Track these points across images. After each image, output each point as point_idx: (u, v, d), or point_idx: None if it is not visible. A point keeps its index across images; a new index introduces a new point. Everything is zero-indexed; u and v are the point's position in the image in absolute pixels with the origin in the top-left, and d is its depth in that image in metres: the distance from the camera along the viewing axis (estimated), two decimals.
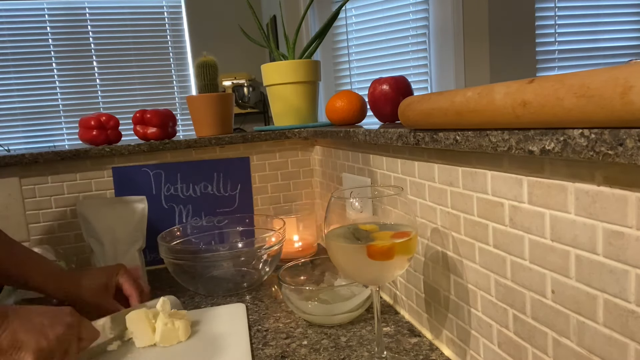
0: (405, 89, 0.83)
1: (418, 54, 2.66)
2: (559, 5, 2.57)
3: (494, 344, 0.50)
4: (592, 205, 0.35)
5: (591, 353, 0.37)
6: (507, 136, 0.40)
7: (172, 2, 3.54)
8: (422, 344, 0.63)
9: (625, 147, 0.29)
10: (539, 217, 0.41)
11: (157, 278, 1.01)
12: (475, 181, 0.50)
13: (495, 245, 0.48)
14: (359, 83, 2.78)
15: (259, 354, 0.64)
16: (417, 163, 0.63)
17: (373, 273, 0.53)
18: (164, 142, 1.08)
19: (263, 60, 1.26)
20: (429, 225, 0.61)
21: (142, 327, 0.67)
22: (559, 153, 0.34)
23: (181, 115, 3.58)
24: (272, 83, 1.15)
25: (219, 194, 1.13)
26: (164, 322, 0.67)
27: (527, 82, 0.36)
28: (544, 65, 2.59)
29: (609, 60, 2.67)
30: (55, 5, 3.34)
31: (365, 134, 0.73)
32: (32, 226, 1.05)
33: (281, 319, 0.75)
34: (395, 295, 0.76)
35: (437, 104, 0.49)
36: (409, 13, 2.63)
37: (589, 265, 0.36)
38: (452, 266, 0.57)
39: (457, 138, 0.47)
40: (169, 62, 3.56)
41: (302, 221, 1.10)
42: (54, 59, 3.37)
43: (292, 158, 1.19)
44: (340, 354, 0.62)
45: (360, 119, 0.99)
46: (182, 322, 0.68)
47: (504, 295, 0.47)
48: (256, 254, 0.90)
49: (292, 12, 2.60)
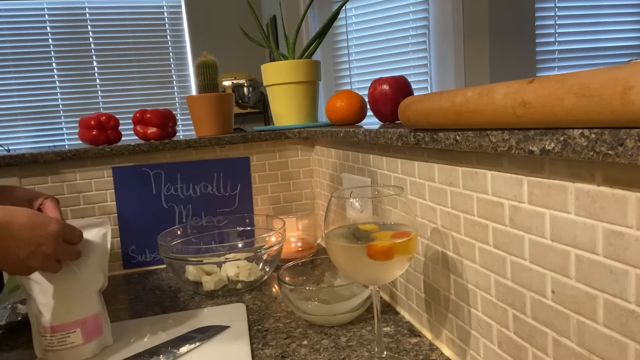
0: (405, 89, 0.83)
1: (418, 54, 2.66)
2: (559, 5, 2.57)
3: (494, 344, 0.50)
4: (592, 205, 0.35)
5: (591, 353, 0.37)
6: (507, 136, 0.40)
7: (172, 2, 3.54)
8: (422, 344, 0.63)
9: (626, 147, 0.29)
10: (539, 217, 0.41)
11: (157, 278, 1.01)
12: (475, 181, 0.50)
13: (495, 245, 0.48)
14: (359, 83, 2.78)
15: (259, 354, 0.64)
16: (417, 163, 0.63)
17: (373, 273, 0.53)
18: (164, 142, 1.08)
19: (263, 60, 1.26)
20: (429, 225, 0.61)
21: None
22: (559, 153, 0.34)
23: (181, 115, 3.58)
24: (272, 83, 1.15)
25: (219, 194, 1.13)
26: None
27: (527, 82, 0.36)
28: (544, 65, 2.59)
29: (609, 60, 2.67)
30: (55, 5, 3.34)
31: (365, 134, 0.73)
32: None
33: (281, 319, 0.75)
34: (395, 295, 0.76)
35: (437, 104, 0.49)
36: (409, 13, 2.63)
37: (589, 265, 0.36)
38: (452, 266, 0.57)
39: (457, 138, 0.47)
40: (169, 62, 3.57)
41: (302, 221, 1.10)
42: (54, 59, 3.37)
43: (292, 158, 1.19)
44: (340, 354, 0.62)
45: (360, 119, 0.99)
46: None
47: (504, 295, 0.47)
48: (256, 254, 0.90)
49: (292, 12, 2.60)
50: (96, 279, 0.69)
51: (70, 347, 0.65)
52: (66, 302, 0.66)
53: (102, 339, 0.68)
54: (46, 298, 0.65)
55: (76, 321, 0.66)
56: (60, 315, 0.65)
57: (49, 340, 0.65)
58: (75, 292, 0.66)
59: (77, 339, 0.66)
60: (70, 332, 0.65)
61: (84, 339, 0.66)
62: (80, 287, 0.67)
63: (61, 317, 0.65)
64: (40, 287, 0.65)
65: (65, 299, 0.66)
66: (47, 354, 0.65)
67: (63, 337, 0.65)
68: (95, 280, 0.69)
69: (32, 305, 0.66)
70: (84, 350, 0.66)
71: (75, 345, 0.66)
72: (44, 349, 0.66)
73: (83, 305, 0.67)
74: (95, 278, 0.69)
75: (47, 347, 0.65)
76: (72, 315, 0.66)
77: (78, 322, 0.66)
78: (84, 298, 0.67)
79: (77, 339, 0.66)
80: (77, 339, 0.66)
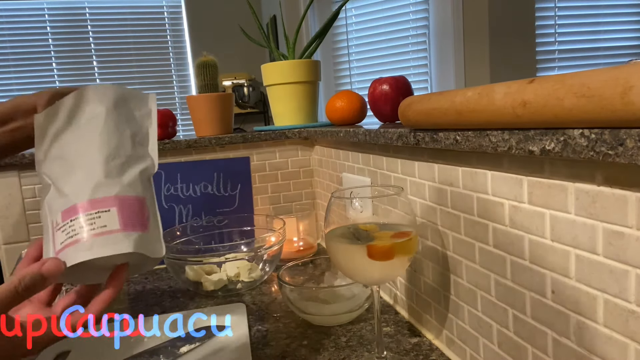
0: (405, 89, 0.83)
1: (418, 54, 2.66)
2: (559, 5, 2.57)
3: (494, 344, 0.50)
4: (592, 205, 0.35)
5: (591, 353, 0.37)
6: (507, 136, 0.40)
7: (172, 2, 3.54)
8: (422, 344, 0.63)
9: (626, 147, 0.29)
10: (539, 217, 0.41)
11: (157, 278, 1.01)
12: (475, 181, 0.50)
13: (495, 245, 0.48)
14: (359, 83, 2.78)
15: (259, 354, 0.64)
16: (417, 163, 0.63)
17: (373, 273, 0.53)
18: (164, 142, 1.08)
19: (263, 60, 1.26)
20: (429, 225, 0.61)
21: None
22: (559, 153, 0.34)
23: (181, 115, 3.58)
24: (272, 83, 1.15)
25: (219, 194, 1.13)
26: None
27: (527, 82, 0.36)
28: (544, 65, 2.59)
29: (609, 60, 2.67)
30: (55, 5, 3.34)
31: (365, 134, 0.73)
32: (32, 226, 1.05)
33: (281, 319, 0.75)
34: (395, 295, 0.76)
35: (437, 104, 0.49)
36: (409, 13, 2.63)
37: (589, 265, 0.36)
38: (452, 266, 0.57)
39: (457, 138, 0.47)
40: (169, 62, 3.57)
41: (302, 221, 1.10)
42: (54, 59, 3.37)
43: (292, 158, 1.19)
44: (340, 354, 0.62)
45: (360, 119, 0.99)
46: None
47: (504, 295, 0.47)
48: (256, 254, 0.90)
49: (292, 12, 2.60)
50: (137, 150, 0.49)
51: (101, 231, 0.42)
52: (92, 166, 0.45)
53: (146, 237, 0.45)
54: (66, 167, 0.46)
55: (110, 197, 0.44)
56: (84, 187, 0.44)
57: (68, 229, 0.43)
58: (105, 153, 0.46)
59: (111, 221, 0.43)
60: (102, 210, 0.43)
61: (121, 223, 0.43)
62: (114, 149, 0.47)
63: (87, 190, 0.44)
64: (60, 164, 0.47)
65: (93, 161, 0.46)
66: (65, 252, 0.42)
67: (90, 219, 0.43)
68: (138, 156, 0.49)
69: (49, 196, 0.46)
70: (119, 241, 0.42)
71: (108, 230, 0.43)
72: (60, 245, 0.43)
73: (119, 175, 0.46)
74: (137, 153, 0.49)
75: (66, 241, 0.42)
76: (104, 187, 0.45)
77: (112, 198, 0.44)
78: (120, 168, 0.46)
79: (112, 221, 0.43)
80: (111, 221, 0.43)
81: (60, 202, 0.44)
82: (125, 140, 0.48)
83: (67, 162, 0.47)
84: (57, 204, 0.44)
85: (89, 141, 0.47)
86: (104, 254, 0.42)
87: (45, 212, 0.46)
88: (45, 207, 0.46)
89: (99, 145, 0.47)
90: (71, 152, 0.47)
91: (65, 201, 0.44)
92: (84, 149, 0.47)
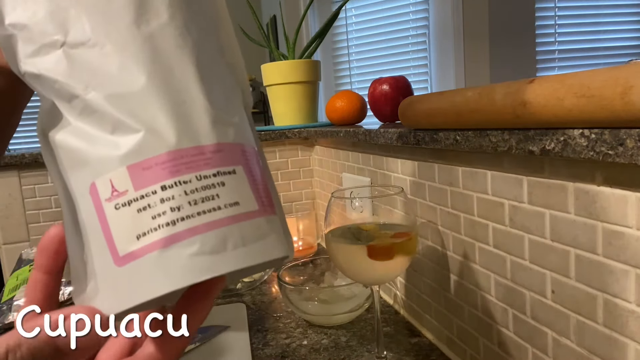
0: (405, 89, 0.83)
1: (418, 54, 2.65)
2: (559, 5, 2.57)
3: (494, 344, 0.50)
4: (592, 205, 0.35)
5: (591, 353, 0.37)
6: (507, 136, 0.40)
7: None
8: (422, 344, 0.63)
9: (626, 147, 0.29)
10: (539, 217, 0.41)
11: None
12: (475, 181, 0.50)
13: (495, 245, 0.48)
14: (359, 83, 2.77)
15: (259, 354, 0.64)
16: (417, 163, 0.63)
17: (373, 273, 0.53)
18: None
19: (263, 60, 1.26)
20: (429, 225, 0.61)
21: None
22: (559, 153, 0.34)
23: None
24: (272, 83, 1.15)
25: None
26: None
27: (527, 82, 0.36)
28: (544, 65, 2.59)
29: (609, 60, 2.66)
30: None
31: (365, 134, 0.73)
32: (32, 226, 1.05)
33: (281, 319, 0.75)
34: (395, 295, 0.76)
35: (437, 104, 0.49)
36: (409, 13, 2.63)
37: (589, 265, 0.36)
38: (452, 266, 0.57)
39: (457, 138, 0.47)
40: None
41: (302, 221, 1.10)
42: None
43: (292, 158, 1.19)
44: (340, 354, 0.62)
45: (360, 119, 0.99)
46: None
47: (504, 295, 0.47)
48: None
49: (292, 12, 2.60)
50: (226, 64, 0.27)
51: (233, 213, 0.22)
52: (186, 82, 0.23)
53: (280, 222, 0.26)
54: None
55: (232, 144, 0.23)
56: (188, 120, 0.22)
57: (153, 206, 0.20)
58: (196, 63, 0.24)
59: (242, 194, 0.23)
60: (224, 170, 0.22)
61: (257, 198, 0.23)
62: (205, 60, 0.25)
63: (200, 124, 0.22)
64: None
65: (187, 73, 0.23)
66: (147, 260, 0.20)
67: (208, 186, 0.21)
68: (226, 66, 0.27)
69: (71, 127, 0.22)
70: (266, 234, 0.23)
71: (244, 212, 0.22)
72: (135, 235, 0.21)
73: (226, 106, 0.25)
74: (226, 62, 0.27)
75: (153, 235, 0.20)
76: (220, 125, 0.23)
77: (236, 147, 0.24)
78: (222, 94, 0.25)
79: (243, 194, 0.23)
80: (242, 194, 0.23)
81: (119, 142, 0.21)
82: (211, 44, 0.26)
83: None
84: (107, 147, 0.21)
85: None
86: (251, 263, 0.22)
87: (64, 169, 0.22)
88: (61, 159, 0.22)
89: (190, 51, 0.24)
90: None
91: (137, 142, 0.21)
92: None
